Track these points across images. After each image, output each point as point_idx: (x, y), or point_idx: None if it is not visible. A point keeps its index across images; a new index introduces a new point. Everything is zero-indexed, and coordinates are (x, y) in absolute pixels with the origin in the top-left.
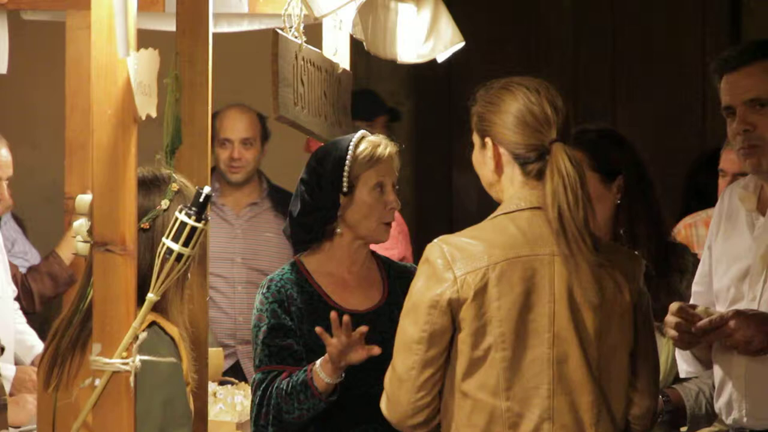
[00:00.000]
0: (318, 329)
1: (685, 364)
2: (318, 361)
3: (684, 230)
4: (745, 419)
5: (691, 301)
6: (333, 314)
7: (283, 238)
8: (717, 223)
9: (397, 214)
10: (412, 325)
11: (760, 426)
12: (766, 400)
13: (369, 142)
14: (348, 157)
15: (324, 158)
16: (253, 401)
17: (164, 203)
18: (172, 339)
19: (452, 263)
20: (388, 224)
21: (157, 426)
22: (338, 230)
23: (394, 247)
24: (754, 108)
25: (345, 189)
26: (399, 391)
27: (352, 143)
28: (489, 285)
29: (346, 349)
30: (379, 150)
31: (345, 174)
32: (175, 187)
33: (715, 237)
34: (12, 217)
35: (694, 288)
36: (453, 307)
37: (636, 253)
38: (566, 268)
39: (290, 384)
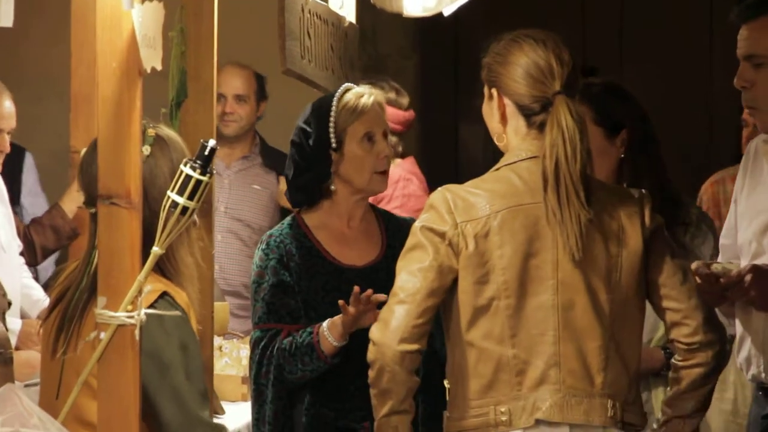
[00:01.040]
0: (340, 302)
1: None
2: (325, 324)
3: (711, 187)
4: (763, 375)
5: (720, 255)
6: (356, 288)
7: (268, 191)
8: (742, 176)
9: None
10: (420, 255)
11: None
12: None
13: (352, 93)
14: (332, 112)
15: (310, 117)
16: (251, 358)
17: (145, 149)
18: (183, 309)
19: (454, 209)
20: (384, 173)
21: (184, 371)
22: (333, 187)
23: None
24: (752, 65)
25: (334, 145)
26: (398, 312)
27: (335, 98)
28: (491, 233)
29: (360, 314)
30: (363, 100)
31: (331, 129)
32: (152, 132)
33: (741, 191)
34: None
35: (722, 241)
36: (455, 250)
37: (642, 190)
38: (554, 219)
39: (294, 345)
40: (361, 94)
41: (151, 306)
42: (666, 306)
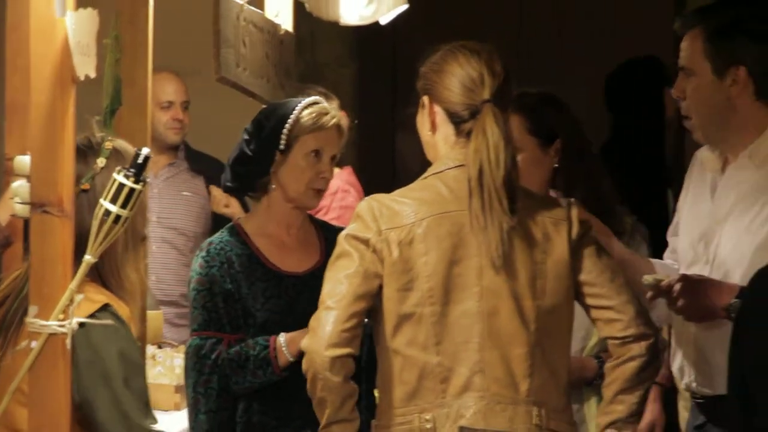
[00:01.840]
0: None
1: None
2: (282, 340)
3: None
4: (694, 384)
5: (666, 256)
6: None
7: (199, 197)
8: (687, 185)
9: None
10: (346, 262)
11: (711, 392)
12: (714, 366)
13: (317, 108)
14: (292, 116)
15: (270, 113)
16: (188, 366)
17: (100, 161)
18: (124, 322)
19: (379, 218)
20: (319, 191)
21: (121, 378)
22: (272, 186)
23: None
24: (684, 76)
25: (282, 147)
26: (326, 319)
27: (300, 104)
28: (415, 241)
29: None
30: (325, 118)
31: (285, 132)
32: (109, 145)
33: (684, 199)
34: None
35: (668, 248)
36: (379, 257)
37: (571, 199)
38: (477, 225)
39: (244, 356)
40: (326, 112)
41: (91, 317)
42: (597, 304)
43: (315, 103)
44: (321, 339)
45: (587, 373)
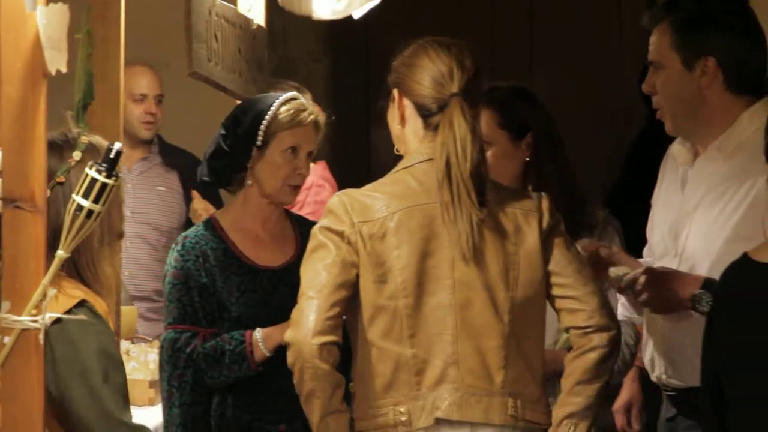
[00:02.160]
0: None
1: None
2: (258, 336)
3: None
4: (664, 377)
5: (644, 254)
6: None
7: (173, 192)
8: (660, 178)
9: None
10: (323, 254)
11: (681, 384)
12: (683, 358)
13: (295, 104)
14: (270, 112)
15: (248, 108)
16: (162, 359)
17: (76, 155)
18: (102, 317)
19: (351, 211)
20: (296, 188)
21: (99, 373)
22: (248, 181)
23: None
24: (654, 70)
25: (259, 142)
26: (308, 309)
27: (278, 100)
28: (387, 234)
29: None
30: (302, 115)
31: (262, 127)
32: (85, 139)
33: (658, 192)
34: None
35: (648, 243)
36: (354, 248)
37: (541, 192)
38: (448, 218)
39: (219, 351)
40: (304, 108)
41: (68, 312)
42: (562, 294)
43: (293, 99)
44: (305, 328)
45: (560, 366)
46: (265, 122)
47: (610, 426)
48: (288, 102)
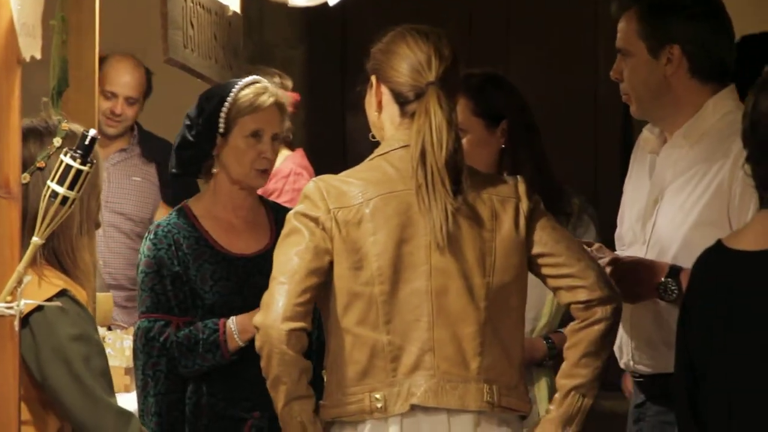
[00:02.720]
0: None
1: None
2: (233, 326)
3: None
4: (632, 363)
5: (615, 242)
6: None
7: (149, 183)
8: (631, 165)
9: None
10: (296, 239)
11: (648, 370)
12: (649, 345)
13: (254, 88)
14: (229, 99)
15: (210, 96)
16: (137, 348)
17: (56, 141)
18: (83, 306)
19: (327, 197)
20: (264, 171)
21: (81, 358)
22: (215, 169)
23: None
24: (621, 57)
25: (221, 130)
26: (278, 294)
27: (237, 86)
28: (363, 221)
29: None
30: (261, 98)
31: (222, 115)
32: (65, 126)
33: (628, 180)
34: None
35: (616, 232)
36: (329, 235)
37: (517, 176)
38: (423, 205)
39: (193, 340)
40: (263, 91)
41: (49, 300)
42: (557, 273)
43: (253, 83)
44: (275, 313)
45: (537, 354)
46: (225, 109)
47: (603, 411)
48: (247, 86)
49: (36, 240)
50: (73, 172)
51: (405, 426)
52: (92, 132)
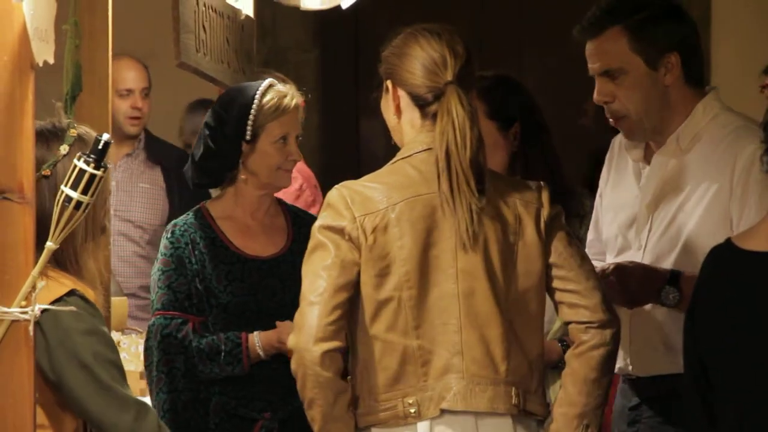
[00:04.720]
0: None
1: None
2: (257, 340)
3: None
4: (629, 367)
5: (586, 249)
6: None
7: (156, 188)
8: (607, 171)
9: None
10: (322, 254)
11: (645, 373)
12: (647, 350)
13: (276, 92)
14: (254, 106)
15: (229, 104)
16: (151, 345)
17: (63, 149)
18: (93, 304)
19: (351, 205)
20: (289, 171)
21: (91, 351)
22: (242, 176)
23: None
24: (609, 79)
25: (248, 137)
26: (309, 314)
27: (258, 92)
28: (389, 226)
29: None
30: (285, 101)
31: (249, 123)
32: (73, 132)
33: (605, 185)
34: None
35: (589, 236)
36: (355, 244)
37: (540, 182)
38: (448, 207)
39: (215, 350)
40: (285, 94)
41: (59, 300)
42: (562, 287)
43: (271, 86)
44: (307, 335)
45: (551, 356)
46: (251, 117)
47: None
48: (268, 90)
49: (50, 245)
50: (86, 176)
51: (434, 430)
52: (105, 136)
